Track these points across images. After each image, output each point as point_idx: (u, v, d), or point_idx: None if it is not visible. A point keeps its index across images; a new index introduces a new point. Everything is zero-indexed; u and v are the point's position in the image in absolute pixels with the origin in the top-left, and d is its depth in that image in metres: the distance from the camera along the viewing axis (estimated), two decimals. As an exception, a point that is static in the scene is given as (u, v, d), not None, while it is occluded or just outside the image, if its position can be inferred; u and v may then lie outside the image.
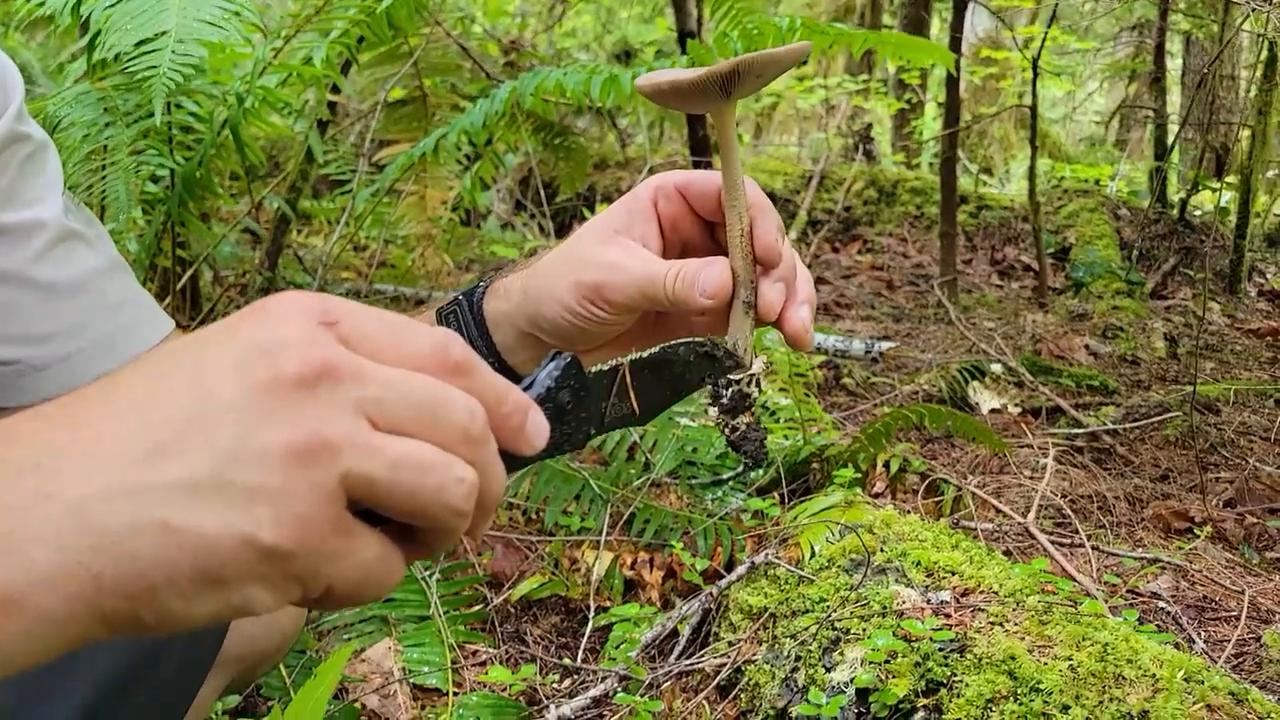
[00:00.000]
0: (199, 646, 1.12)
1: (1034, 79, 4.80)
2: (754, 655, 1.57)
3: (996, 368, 3.47)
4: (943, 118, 5.03)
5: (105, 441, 0.48)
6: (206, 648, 1.13)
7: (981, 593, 1.52)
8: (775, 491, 2.25)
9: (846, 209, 6.73)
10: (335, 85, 2.96)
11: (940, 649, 1.38)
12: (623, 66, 2.41)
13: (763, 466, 2.29)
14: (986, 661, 1.34)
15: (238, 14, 1.69)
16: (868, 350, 3.84)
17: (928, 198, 6.68)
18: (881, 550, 1.65)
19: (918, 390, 3.26)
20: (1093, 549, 2.01)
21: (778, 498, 2.19)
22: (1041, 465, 2.55)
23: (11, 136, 0.96)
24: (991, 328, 4.37)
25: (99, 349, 1.02)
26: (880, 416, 2.36)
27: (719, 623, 1.73)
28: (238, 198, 3.48)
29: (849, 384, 3.48)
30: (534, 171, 4.54)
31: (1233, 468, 2.70)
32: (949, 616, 1.46)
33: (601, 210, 0.89)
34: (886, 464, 2.36)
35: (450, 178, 3.36)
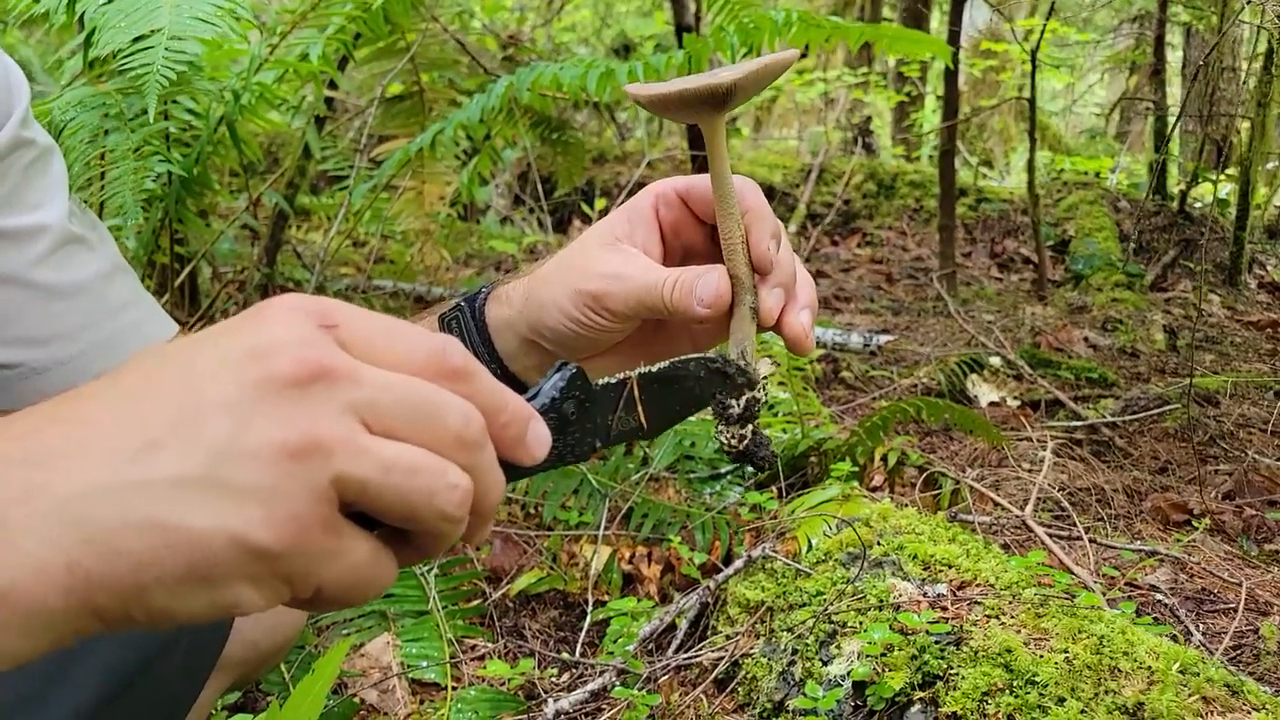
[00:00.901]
0: (200, 650, 1.12)
1: (1033, 71, 4.79)
2: (751, 649, 1.57)
3: (995, 360, 3.47)
4: (942, 111, 5.02)
5: (98, 438, 0.48)
6: (208, 651, 1.13)
7: (978, 586, 1.52)
8: (773, 485, 2.25)
9: (846, 202, 6.73)
10: (332, 81, 2.95)
11: (936, 642, 1.38)
12: (621, 61, 2.41)
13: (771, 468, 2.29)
14: (982, 654, 1.34)
15: (231, 11, 1.69)
16: (866, 343, 3.84)
17: (927, 191, 6.68)
18: (878, 544, 1.65)
19: (916, 383, 3.26)
20: (1091, 541, 2.01)
21: (775, 492, 2.19)
22: (1040, 458, 2.55)
23: (15, 142, 0.96)
24: (990, 320, 4.37)
25: (100, 351, 1.02)
26: (878, 410, 2.37)
27: (717, 616, 1.74)
28: (236, 194, 3.49)
29: (847, 377, 3.48)
30: (532, 166, 4.54)
31: (1232, 460, 2.70)
32: (945, 609, 1.46)
33: (600, 205, 0.89)
34: (884, 457, 2.37)
35: (448, 173, 3.36)
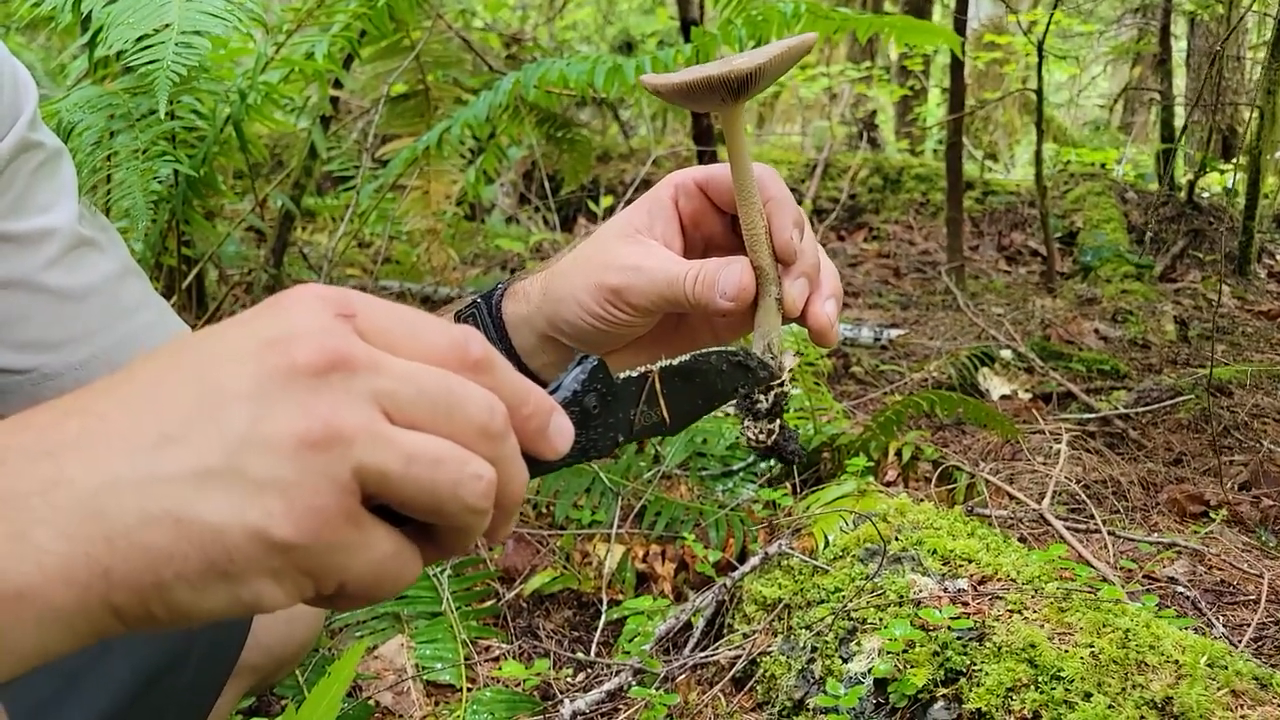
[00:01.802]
0: (217, 656, 1.11)
1: (1039, 63, 4.77)
2: (769, 647, 1.56)
3: (1006, 353, 3.45)
4: (946, 104, 5.01)
5: (116, 431, 0.47)
6: (224, 657, 1.12)
7: (999, 580, 1.50)
8: (787, 481, 2.23)
9: (851, 197, 6.71)
10: (337, 80, 2.94)
11: (959, 638, 1.36)
12: (625, 57, 2.40)
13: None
14: (1006, 650, 1.32)
15: (241, 4, 1.67)
16: (876, 338, 3.82)
17: (933, 184, 6.65)
18: (896, 539, 1.64)
19: (927, 377, 3.24)
20: (1108, 534, 1.99)
21: (789, 488, 2.18)
22: (1054, 451, 2.53)
23: (23, 145, 0.95)
24: (1000, 313, 4.35)
25: (112, 354, 1.01)
26: (890, 404, 2.35)
27: (733, 614, 1.72)
28: (242, 195, 3.47)
29: (858, 372, 3.46)
30: (538, 164, 4.53)
31: (1247, 450, 2.68)
32: (967, 605, 1.45)
33: (606, 203, 0.88)
34: (898, 452, 2.35)
35: (454, 172, 3.36)
